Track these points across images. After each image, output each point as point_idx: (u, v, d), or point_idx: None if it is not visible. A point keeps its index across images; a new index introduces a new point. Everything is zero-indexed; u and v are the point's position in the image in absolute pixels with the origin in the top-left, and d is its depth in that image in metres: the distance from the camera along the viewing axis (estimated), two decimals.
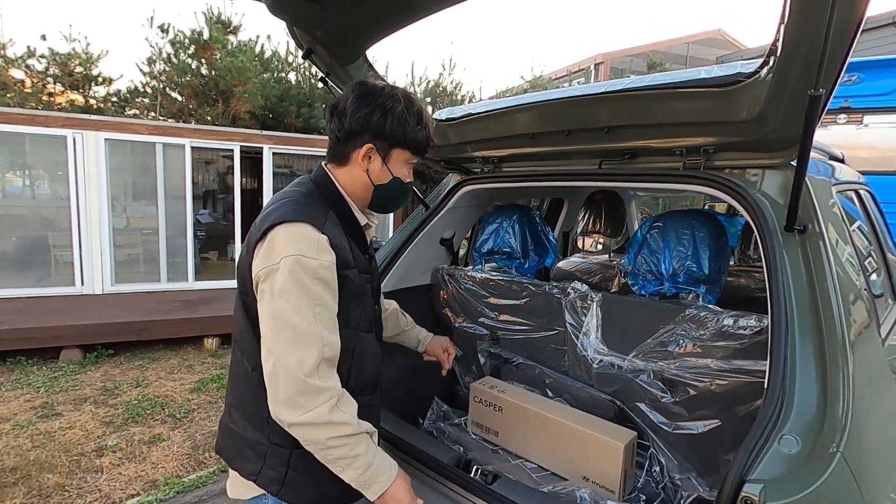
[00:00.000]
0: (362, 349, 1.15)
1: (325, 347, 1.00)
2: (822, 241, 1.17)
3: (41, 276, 5.46)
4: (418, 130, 1.13)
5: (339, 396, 1.01)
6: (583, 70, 18.64)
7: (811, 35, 0.93)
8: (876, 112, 4.32)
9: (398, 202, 1.22)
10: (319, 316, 1.00)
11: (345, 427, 0.99)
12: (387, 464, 1.06)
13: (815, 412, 0.95)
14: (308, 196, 1.11)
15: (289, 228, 1.01)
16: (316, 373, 0.99)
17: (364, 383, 1.17)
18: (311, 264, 0.98)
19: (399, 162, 1.15)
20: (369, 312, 1.18)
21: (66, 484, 2.69)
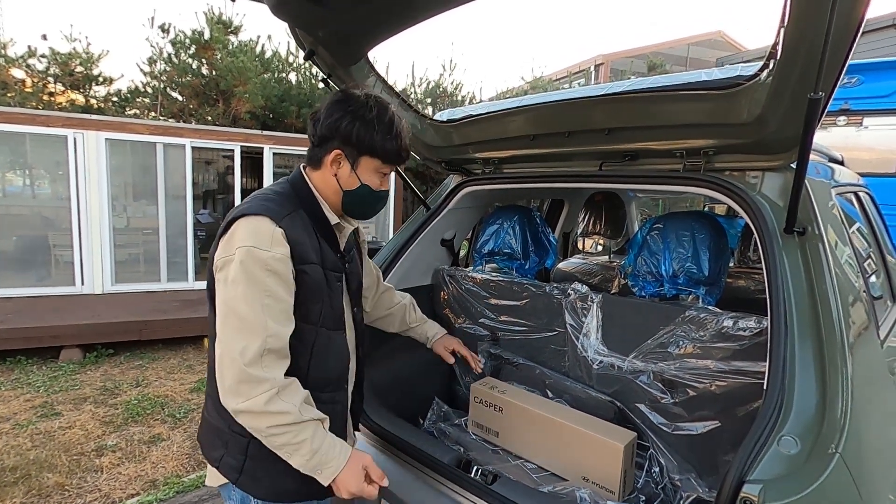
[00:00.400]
0: (324, 345, 1.15)
1: (270, 338, 1.01)
2: (821, 244, 1.17)
3: (41, 275, 5.46)
4: (388, 140, 1.13)
5: (282, 388, 1.02)
6: (583, 71, 18.65)
7: (811, 38, 0.94)
8: (876, 114, 4.33)
9: (370, 209, 1.22)
10: (268, 307, 1.02)
11: (284, 416, 1.00)
12: (336, 450, 1.06)
13: (814, 413, 0.96)
14: (279, 194, 1.14)
15: (248, 221, 1.04)
16: (258, 362, 1.00)
17: (326, 379, 1.17)
18: (263, 256, 1.01)
19: (368, 170, 1.16)
20: (337, 310, 1.18)
21: (65, 483, 2.69)
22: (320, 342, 1.14)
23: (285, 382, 1.04)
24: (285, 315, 1.05)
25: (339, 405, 1.20)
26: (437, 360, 2.06)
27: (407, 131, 1.18)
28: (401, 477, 1.44)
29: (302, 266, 1.07)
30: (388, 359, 1.84)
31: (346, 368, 1.23)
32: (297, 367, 1.11)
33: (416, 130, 1.91)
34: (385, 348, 1.83)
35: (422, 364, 1.96)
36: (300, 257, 1.07)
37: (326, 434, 1.07)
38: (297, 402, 1.03)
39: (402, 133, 1.16)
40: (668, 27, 69.60)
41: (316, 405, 1.12)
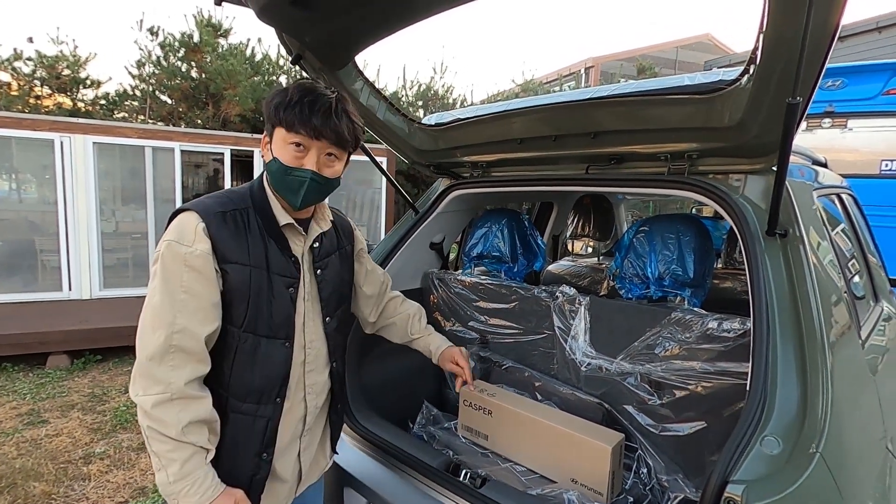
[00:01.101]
0: (247, 351, 1.08)
1: (178, 335, 0.98)
2: (802, 245, 1.19)
3: (28, 280, 5.39)
4: (290, 105, 1.04)
5: (179, 397, 0.98)
6: (574, 74, 18.76)
7: (788, 44, 0.96)
8: (859, 116, 4.40)
9: (286, 189, 1.09)
10: (182, 303, 0.99)
11: (165, 427, 0.96)
12: (202, 491, 0.99)
13: (796, 413, 0.97)
14: (232, 192, 1.12)
15: (180, 216, 1.04)
16: (160, 359, 0.97)
17: (248, 388, 1.09)
18: (181, 251, 1.00)
19: (279, 142, 1.07)
20: (278, 317, 1.10)
21: (52, 492, 2.65)
22: (244, 347, 1.07)
23: (188, 394, 0.99)
24: (203, 313, 1.01)
25: (262, 420, 1.10)
26: (426, 364, 2.06)
27: (322, 100, 1.05)
28: (389, 481, 1.44)
29: (224, 265, 1.03)
30: (377, 363, 1.84)
31: (279, 381, 1.12)
32: (220, 371, 1.07)
33: (404, 134, 1.91)
34: (375, 352, 1.83)
35: (411, 368, 1.96)
36: (222, 255, 1.03)
37: (201, 466, 1.00)
38: (185, 419, 0.98)
39: (310, 100, 1.04)
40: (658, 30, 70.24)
41: (235, 415, 1.08)
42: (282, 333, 1.12)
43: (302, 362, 1.18)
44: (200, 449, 1.00)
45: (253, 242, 1.07)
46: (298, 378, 1.18)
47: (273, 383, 1.12)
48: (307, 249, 1.18)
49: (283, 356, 1.12)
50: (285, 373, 1.13)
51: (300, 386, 1.19)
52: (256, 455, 1.11)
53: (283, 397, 1.14)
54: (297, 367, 1.17)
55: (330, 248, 1.25)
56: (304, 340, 1.18)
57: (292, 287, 1.13)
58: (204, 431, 1.02)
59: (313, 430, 1.26)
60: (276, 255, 1.11)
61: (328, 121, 1.06)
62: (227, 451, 1.08)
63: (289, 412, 1.17)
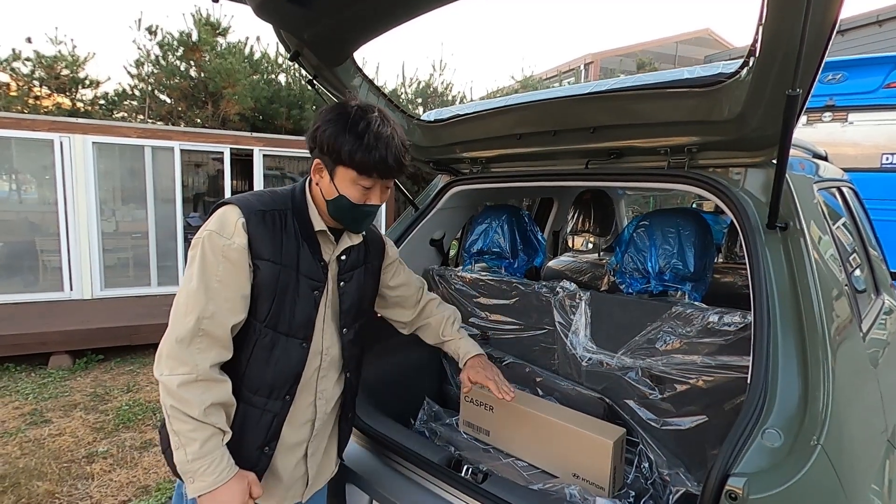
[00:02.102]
0: (266, 346, 1.11)
1: (206, 321, 1.02)
2: (803, 238, 1.19)
3: (29, 281, 5.40)
4: (360, 149, 1.04)
5: (203, 379, 1.01)
6: (573, 70, 18.72)
7: (788, 36, 0.95)
8: (860, 110, 4.39)
9: (352, 222, 1.16)
10: (215, 290, 1.03)
11: (188, 406, 0.99)
12: (218, 471, 1.02)
13: (797, 406, 0.97)
14: (274, 192, 1.17)
15: (222, 209, 1.08)
16: (188, 342, 1.01)
17: (261, 381, 1.12)
18: (219, 242, 1.04)
19: (345, 181, 1.09)
20: (300, 317, 1.13)
21: (56, 491, 2.66)
22: (263, 342, 1.11)
23: (212, 377, 1.03)
24: (233, 303, 1.05)
25: (269, 414, 1.13)
26: (427, 360, 2.07)
27: (388, 141, 1.07)
28: (391, 478, 1.44)
29: (256, 261, 1.07)
30: (379, 359, 1.84)
31: (291, 379, 1.15)
32: (237, 361, 1.10)
33: (403, 131, 1.91)
34: (376, 349, 1.83)
35: (412, 364, 1.96)
36: (256, 251, 1.07)
37: (219, 447, 1.03)
38: (208, 400, 1.01)
39: (379, 143, 1.06)
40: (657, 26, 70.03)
41: (245, 406, 1.11)
42: (301, 334, 1.15)
43: (317, 367, 1.21)
44: (219, 431, 1.04)
45: (287, 243, 1.11)
46: (310, 382, 1.21)
47: (285, 380, 1.15)
48: (335, 258, 1.22)
49: (299, 355, 1.15)
50: (298, 372, 1.16)
51: (311, 390, 1.21)
52: (259, 448, 1.14)
53: (293, 396, 1.17)
54: (310, 371, 1.19)
55: (356, 262, 1.27)
56: (321, 346, 1.21)
57: (317, 290, 1.16)
58: (223, 414, 1.06)
59: (321, 436, 1.28)
60: (307, 258, 1.14)
61: (396, 162, 1.10)
62: (232, 440, 1.11)
63: (296, 414, 1.19)
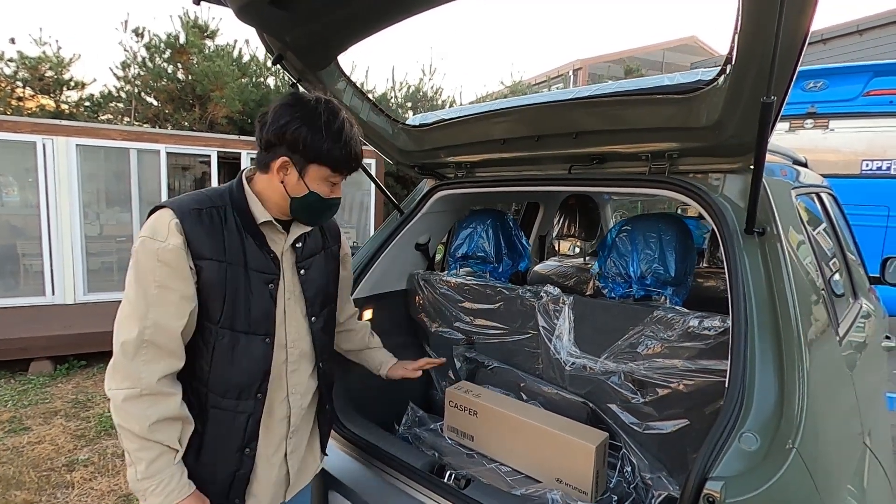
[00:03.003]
0: (226, 347, 1.08)
1: (149, 329, 0.99)
2: (780, 244, 1.20)
3: (9, 285, 5.28)
4: (337, 147, 1.06)
5: (148, 394, 0.99)
6: (562, 76, 18.86)
7: (762, 45, 0.97)
8: (841, 117, 4.47)
9: (320, 215, 1.17)
10: (155, 297, 1.00)
11: (132, 423, 0.98)
12: (167, 492, 1.00)
13: (773, 409, 0.98)
14: (211, 190, 1.15)
15: (155, 213, 1.06)
16: (133, 353, 0.99)
17: (227, 384, 1.09)
18: (153, 246, 1.01)
19: (317, 178, 1.10)
20: (257, 313, 1.11)
21: (34, 501, 2.61)
22: (222, 343, 1.07)
23: (158, 390, 1.00)
24: (176, 308, 1.02)
25: (242, 415, 1.11)
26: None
27: (358, 138, 1.12)
28: (374, 484, 1.43)
29: (198, 261, 1.04)
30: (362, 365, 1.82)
31: (259, 376, 1.12)
32: (198, 368, 1.08)
33: (388, 135, 1.91)
34: None
35: None
36: (196, 251, 1.04)
37: (168, 467, 1.01)
38: (153, 416, 0.98)
39: (353, 140, 1.10)
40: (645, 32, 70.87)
41: (216, 411, 1.09)
42: (261, 329, 1.12)
43: (284, 361, 1.18)
44: (168, 449, 1.01)
45: (230, 239, 1.08)
46: (280, 377, 1.18)
47: (253, 379, 1.12)
48: (288, 248, 1.18)
49: (262, 352, 1.13)
50: (266, 368, 1.14)
51: (282, 385, 1.19)
52: (238, 450, 1.12)
53: (264, 393, 1.14)
54: (278, 367, 1.17)
55: (314, 248, 1.25)
56: (285, 340, 1.18)
57: (271, 283, 1.13)
58: (174, 430, 1.03)
59: (300, 432, 1.26)
60: (254, 252, 1.11)
61: (359, 155, 1.13)
62: (208, 446, 1.10)
63: (271, 412, 1.17)
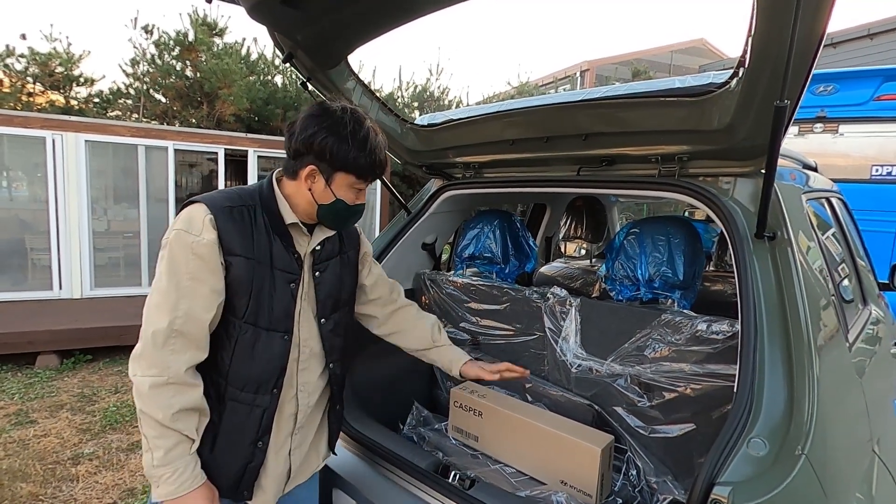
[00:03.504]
0: (248, 342, 1.11)
1: (180, 319, 1.02)
2: (790, 248, 1.20)
3: (18, 279, 5.34)
4: (362, 156, 1.11)
5: (174, 383, 1.01)
6: (569, 77, 18.82)
7: (776, 48, 0.96)
8: (851, 122, 4.43)
9: (345, 221, 1.21)
10: (187, 289, 1.03)
11: (155, 410, 1.00)
12: (181, 481, 1.03)
13: (782, 415, 0.97)
14: (242, 189, 1.17)
15: (189, 207, 1.08)
16: (161, 342, 1.01)
17: (247, 378, 1.13)
18: (188, 239, 1.04)
19: (343, 185, 1.14)
20: (278, 311, 1.14)
21: (39, 493, 2.62)
22: (245, 338, 1.11)
23: (184, 380, 1.03)
24: (206, 301, 1.05)
25: (258, 409, 1.14)
26: (416, 365, 2.06)
27: (383, 145, 1.16)
28: (378, 483, 1.43)
29: (228, 257, 1.07)
30: (368, 363, 1.83)
31: (277, 372, 1.16)
32: (219, 360, 1.11)
33: (396, 135, 1.91)
34: (365, 353, 1.82)
35: (401, 369, 1.96)
36: (227, 248, 1.07)
37: (184, 456, 1.04)
38: (176, 405, 1.01)
39: (378, 148, 1.14)
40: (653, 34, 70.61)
41: (233, 403, 1.12)
42: (281, 327, 1.15)
43: (296, 360, 1.21)
44: (186, 438, 1.04)
45: (258, 237, 1.11)
46: (291, 375, 1.21)
47: (271, 374, 1.15)
48: (309, 251, 1.21)
49: (281, 349, 1.16)
50: (283, 364, 1.16)
51: (292, 383, 1.22)
52: (252, 443, 1.14)
53: (280, 389, 1.17)
54: (291, 364, 1.20)
55: (331, 253, 1.28)
56: (298, 338, 1.21)
57: (293, 283, 1.17)
58: (193, 420, 1.05)
59: (305, 429, 1.28)
60: (280, 252, 1.14)
61: (384, 162, 1.17)
62: (223, 438, 1.12)
63: (281, 408, 1.20)
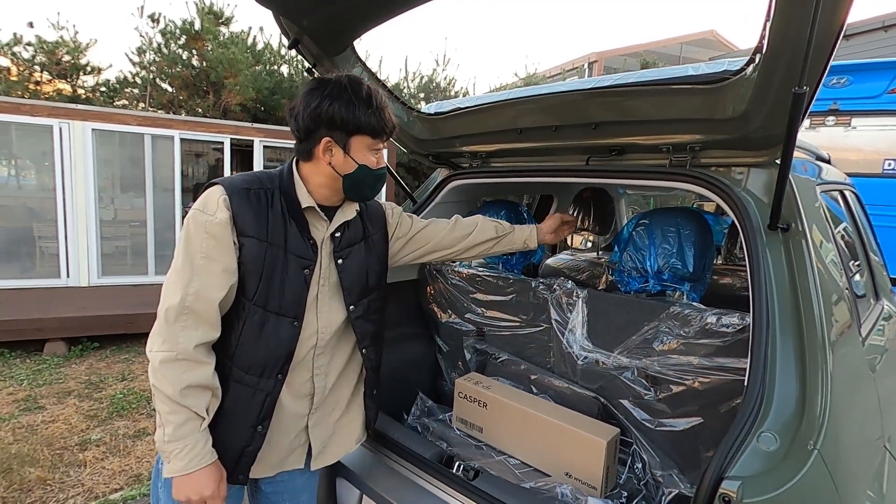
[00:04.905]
0: (256, 324, 1.11)
1: (191, 297, 1.03)
2: (804, 240, 1.17)
3: (26, 267, 5.38)
4: (370, 114, 1.11)
5: (185, 359, 1.02)
6: (577, 68, 18.65)
7: (796, 34, 0.93)
8: (864, 115, 4.36)
9: (372, 188, 1.20)
10: (200, 267, 1.05)
11: (165, 385, 1.01)
12: (191, 457, 1.03)
13: (794, 410, 0.95)
14: (264, 173, 1.18)
15: (208, 189, 1.11)
16: (173, 318, 1.03)
17: (251, 361, 1.12)
18: (202, 219, 1.06)
19: (361, 149, 1.14)
20: (290, 296, 1.13)
21: (48, 478, 2.66)
22: (253, 319, 1.11)
23: (194, 357, 1.03)
24: (218, 279, 1.06)
25: (261, 393, 1.13)
26: (421, 355, 2.06)
27: (387, 103, 1.15)
28: (382, 473, 1.43)
29: (241, 238, 1.08)
30: None
31: (283, 358, 1.15)
32: (227, 340, 1.11)
33: (403, 123, 1.89)
34: None
35: (406, 359, 1.95)
36: (240, 228, 1.08)
37: (195, 433, 1.04)
38: (186, 380, 1.02)
39: (384, 105, 1.14)
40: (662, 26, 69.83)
41: (237, 385, 1.12)
42: (291, 312, 1.14)
43: (313, 346, 1.21)
44: (196, 416, 1.04)
45: (274, 221, 1.12)
46: (306, 359, 1.20)
47: (277, 360, 1.15)
48: (328, 236, 1.20)
49: (289, 334, 1.15)
50: (290, 351, 1.16)
51: (308, 367, 1.21)
52: (251, 427, 1.14)
53: (285, 374, 1.17)
54: (306, 350, 1.19)
55: (353, 238, 1.27)
56: (317, 325, 1.20)
57: (307, 269, 1.16)
58: (203, 397, 1.06)
59: (324, 409, 1.28)
60: (295, 236, 1.14)
61: (392, 119, 1.16)
62: (224, 418, 1.12)
63: (294, 388, 1.20)
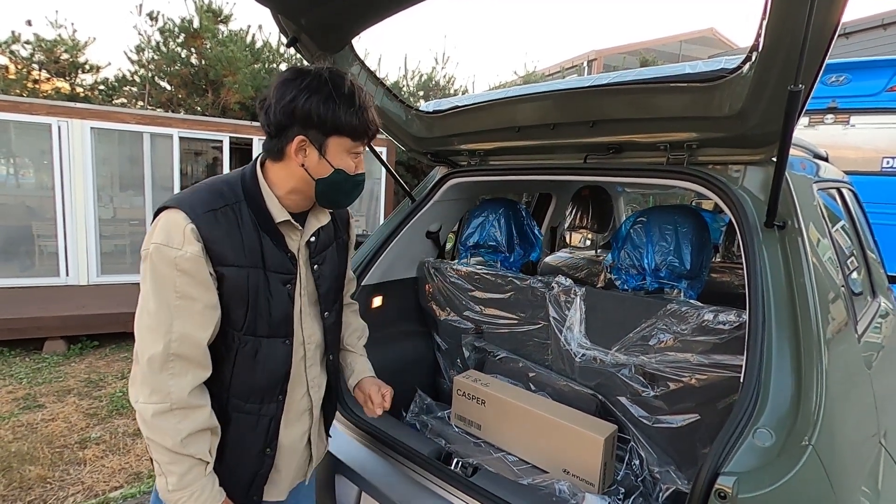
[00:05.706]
0: (249, 353, 1.04)
1: (175, 342, 0.94)
2: (800, 238, 1.18)
3: (25, 266, 5.38)
4: (352, 113, 0.98)
5: (179, 407, 0.95)
6: (576, 66, 18.63)
7: (791, 31, 0.94)
8: (862, 113, 4.36)
9: (348, 196, 1.09)
10: (179, 308, 0.94)
11: (163, 438, 0.94)
12: (202, 500, 0.97)
13: (789, 406, 0.96)
14: (225, 183, 1.04)
15: (166, 215, 0.97)
16: (160, 367, 0.94)
17: (250, 389, 1.07)
18: (171, 255, 0.93)
19: (339, 152, 1.01)
20: (277, 316, 1.06)
21: (47, 476, 2.66)
22: (245, 350, 1.04)
23: (189, 404, 0.96)
24: (201, 317, 0.96)
25: (265, 418, 1.08)
26: (420, 353, 2.06)
27: (371, 101, 1.03)
28: (381, 469, 1.43)
29: (219, 268, 0.97)
30: (371, 350, 1.82)
31: (280, 379, 1.10)
32: (220, 374, 1.03)
33: (401, 121, 1.89)
34: (368, 340, 1.82)
35: (405, 356, 1.96)
36: (217, 258, 0.97)
37: (200, 478, 0.98)
38: (185, 430, 0.95)
39: (367, 104, 1.01)
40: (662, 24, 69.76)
41: (238, 415, 1.06)
42: (281, 332, 1.08)
43: (302, 358, 1.15)
44: (199, 461, 0.98)
45: (247, 239, 1.01)
46: (300, 374, 1.16)
47: (276, 382, 1.09)
48: (304, 244, 1.12)
49: (283, 354, 1.10)
50: (287, 369, 1.11)
51: (302, 381, 1.17)
52: (260, 452, 1.10)
53: (285, 393, 1.12)
54: (297, 364, 1.14)
55: (327, 241, 1.20)
56: (302, 336, 1.15)
57: (289, 284, 1.08)
58: (205, 441, 0.99)
59: (317, 419, 1.25)
60: (272, 251, 1.05)
61: (375, 119, 1.04)
62: (231, 449, 1.07)
63: (292, 408, 1.15)
